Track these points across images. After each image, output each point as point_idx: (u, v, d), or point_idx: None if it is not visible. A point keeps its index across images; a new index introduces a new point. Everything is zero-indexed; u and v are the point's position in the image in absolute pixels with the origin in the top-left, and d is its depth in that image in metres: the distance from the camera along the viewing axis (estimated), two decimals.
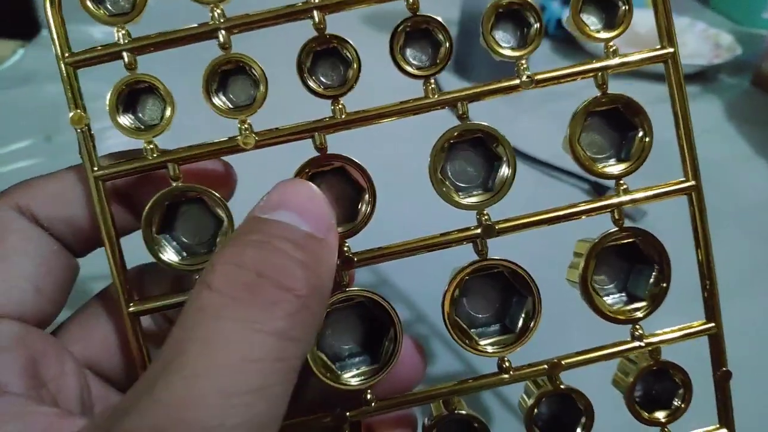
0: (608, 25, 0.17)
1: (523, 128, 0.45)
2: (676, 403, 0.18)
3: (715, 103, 0.53)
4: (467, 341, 0.17)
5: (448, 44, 0.16)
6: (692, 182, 0.17)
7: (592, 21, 0.17)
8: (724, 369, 0.18)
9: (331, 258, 0.14)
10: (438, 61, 0.17)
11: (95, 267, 0.18)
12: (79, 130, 0.16)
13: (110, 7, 0.16)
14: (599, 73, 0.17)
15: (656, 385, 0.19)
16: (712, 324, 0.18)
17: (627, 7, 0.17)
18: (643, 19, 0.63)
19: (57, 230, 0.16)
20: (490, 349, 0.17)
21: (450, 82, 0.49)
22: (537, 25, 0.17)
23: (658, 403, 0.19)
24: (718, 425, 0.18)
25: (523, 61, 0.17)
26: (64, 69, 0.16)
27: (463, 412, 0.17)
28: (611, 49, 0.17)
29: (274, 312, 0.12)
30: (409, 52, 0.17)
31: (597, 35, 0.17)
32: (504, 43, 0.17)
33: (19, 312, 0.15)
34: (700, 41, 0.60)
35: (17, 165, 0.40)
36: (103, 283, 0.18)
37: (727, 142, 0.47)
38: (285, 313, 0.12)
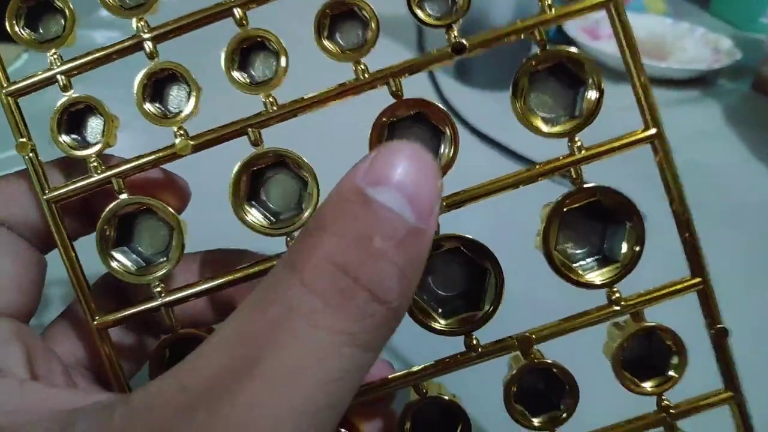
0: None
1: (518, 128, 0.43)
2: (670, 371, 0.17)
3: (715, 107, 0.52)
4: (430, 323, 0.16)
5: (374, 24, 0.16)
6: (653, 130, 0.16)
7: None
8: (719, 326, 0.16)
9: (427, 249, 0.13)
10: (366, 41, 0.16)
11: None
12: (25, 156, 0.16)
13: (41, 31, 0.17)
14: (536, 29, 0.16)
15: (647, 351, 0.17)
16: (698, 279, 0.16)
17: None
18: (642, 24, 0.61)
19: (17, 231, 0.17)
20: (450, 326, 0.16)
21: (451, 86, 0.48)
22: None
23: (651, 370, 0.17)
24: (723, 389, 0.17)
25: (454, 28, 0.16)
26: (3, 99, 0.16)
27: (438, 394, 0.17)
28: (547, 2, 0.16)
29: (365, 325, 0.11)
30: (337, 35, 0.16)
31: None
32: (431, 12, 0.16)
33: (9, 310, 0.16)
34: (700, 46, 0.60)
35: (18, 169, 0.41)
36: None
37: (726, 145, 0.47)
38: (374, 327, 0.11)
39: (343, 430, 0.17)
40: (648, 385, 0.17)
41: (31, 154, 0.16)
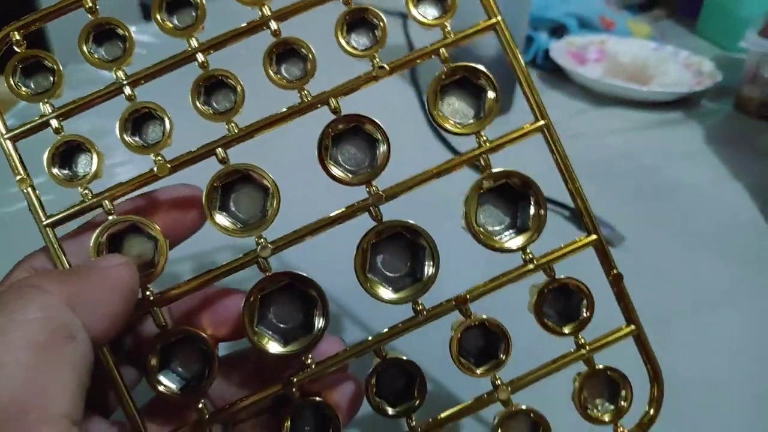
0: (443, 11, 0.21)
1: (510, 152, 0.47)
2: (582, 312, 0.20)
3: (696, 128, 0.55)
4: (378, 292, 0.20)
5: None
6: (543, 121, 0.20)
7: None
8: (614, 272, 0.20)
9: (102, 271, 0.17)
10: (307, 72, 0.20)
11: None
12: (25, 191, 0.19)
13: (33, 86, 0.20)
14: (440, 50, 0.20)
15: (562, 301, 0.21)
16: (594, 236, 0.20)
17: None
18: (626, 49, 0.65)
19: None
20: (400, 297, 0.20)
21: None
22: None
23: (567, 318, 0.21)
24: (625, 324, 0.21)
25: (376, 56, 0.20)
26: (4, 144, 0.19)
27: (396, 356, 0.20)
28: (446, 30, 0.20)
29: (12, 304, 0.15)
30: (284, 67, 0.20)
31: (434, 21, 0.20)
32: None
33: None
34: (682, 69, 0.63)
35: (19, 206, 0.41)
36: None
37: (706, 165, 0.49)
38: (23, 300, 0.15)
39: (318, 398, 0.20)
40: (566, 330, 0.20)
41: (29, 189, 0.19)
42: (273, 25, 0.20)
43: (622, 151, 0.48)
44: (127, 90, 0.20)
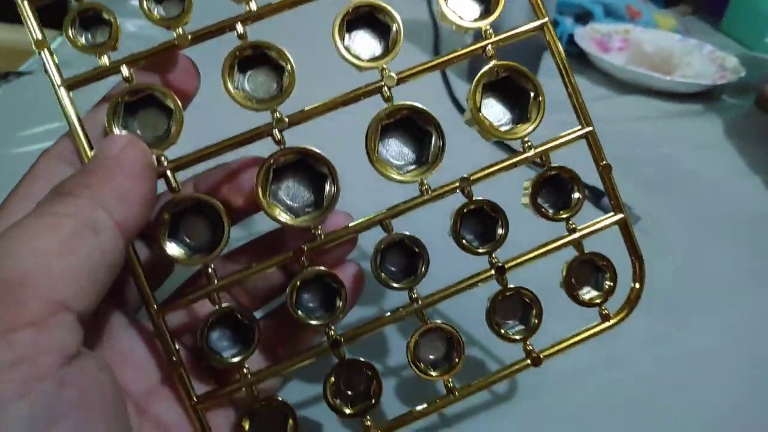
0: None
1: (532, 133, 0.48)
2: (573, 198, 0.22)
3: (716, 121, 0.55)
4: (387, 172, 0.21)
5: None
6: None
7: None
8: (604, 162, 0.22)
9: (118, 161, 0.17)
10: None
11: None
12: (40, 53, 0.19)
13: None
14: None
15: (555, 190, 0.22)
16: (590, 128, 0.22)
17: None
18: (651, 39, 0.66)
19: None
20: (407, 177, 0.21)
21: (463, 88, 0.52)
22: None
23: (561, 204, 0.22)
24: (613, 212, 0.22)
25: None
26: (23, 4, 0.19)
27: (403, 233, 0.21)
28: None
29: (44, 206, 0.16)
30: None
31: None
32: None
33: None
34: (706, 62, 0.64)
35: (46, 144, 0.40)
36: None
37: (724, 158, 0.50)
38: (55, 203, 0.16)
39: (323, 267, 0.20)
40: (563, 215, 0.22)
41: (45, 51, 0.19)
42: None
43: (642, 138, 0.49)
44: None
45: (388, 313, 0.21)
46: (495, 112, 0.22)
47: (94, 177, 0.17)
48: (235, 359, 0.20)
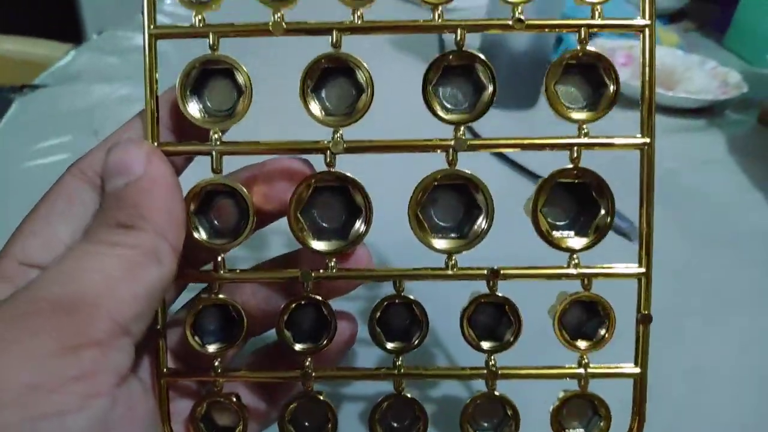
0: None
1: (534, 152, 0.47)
2: (599, 333, 0.20)
3: (719, 137, 0.55)
4: (423, 234, 0.20)
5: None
6: (647, 139, 0.20)
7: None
8: (645, 312, 0.20)
9: (154, 181, 0.17)
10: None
11: None
12: None
13: None
14: (582, 29, 0.19)
15: (584, 319, 0.21)
16: (643, 270, 0.20)
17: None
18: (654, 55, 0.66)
19: None
20: (439, 245, 0.20)
21: None
22: None
23: (583, 335, 0.21)
24: (633, 364, 0.21)
25: (519, 8, 0.19)
26: None
27: (412, 297, 0.20)
28: (597, 12, 0.19)
29: (109, 235, 0.17)
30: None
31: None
32: None
33: (47, 264, 0.17)
34: (709, 78, 0.63)
35: (60, 157, 0.43)
36: None
37: (727, 173, 0.49)
38: (119, 234, 0.17)
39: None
40: (581, 344, 0.20)
41: None
42: None
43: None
44: None
45: (366, 367, 0.21)
46: (554, 212, 0.21)
47: (143, 204, 0.17)
48: (212, 348, 0.20)
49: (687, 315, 0.33)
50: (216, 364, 0.20)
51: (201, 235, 0.20)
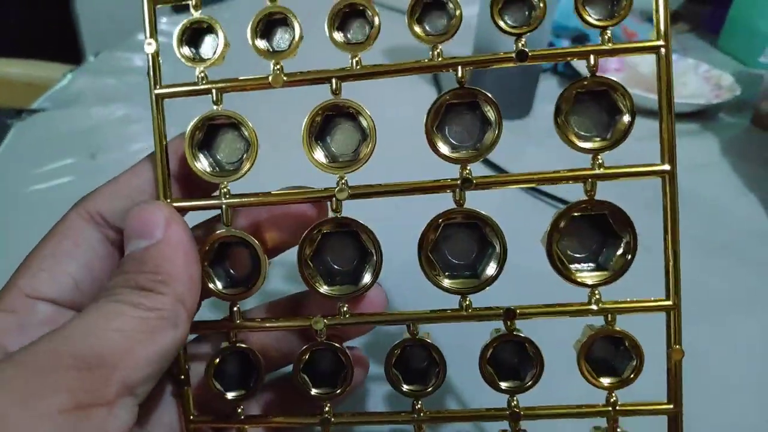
0: (609, 16, 0.19)
1: (527, 157, 0.47)
2: (626, 373, 0.19)
3: (713, 140, 0.54)
4: (435, 275, 0.19)
5: None
6: (668, 166, 0.19)
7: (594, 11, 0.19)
8: (677, 346, 0.19)
9: (174, 247, 0.18)
10: (449, 29, 0.19)
11: None
12: (149, 54, 0.20)
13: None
14: (591, 56, 0.18)
15: (610, 352, 0.20)
16: (671, 302, 0.19)
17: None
18: (646, 60, 0.64)
19: (121, 222, 0.19)
20: (450, 286, 0.19)
21: None
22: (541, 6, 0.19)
23: (610, 370, 0.20)
24: (666, 401, 0.20)
25: (522, 39, 0.19)
26: (146, 5, 0.20)
27: (427, 339, 0.20)
28: (606, 36, 0.18)
29: (131, 296, 0.17)
30: (425, 20, 0.19)
31: (597, 23, 0.19)
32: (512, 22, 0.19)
33: (53, 297, 0.18)
34: (701, 82, 0.63)
35: (60, 181, 0.42)
36: None
37: (721, 177, 0.49)
38: (141, 296, 0.17)
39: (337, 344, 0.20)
40: (605, 381, 0.20)
41: (154, 53, 0.20)
42: None
43: (640, 159, 0.44)
44: None
45: (381, 403, 0.20)
46: (573, 245, 0.20)
47: (162, 270, 0.18)
48: (231, 395, 0.21)
49: (685, 318, 0.31)
50: (239, 410, 0.21)
51: (217, 286, 0.20)
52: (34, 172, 0.44)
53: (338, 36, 0.19)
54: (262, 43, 0.20)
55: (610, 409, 0.20)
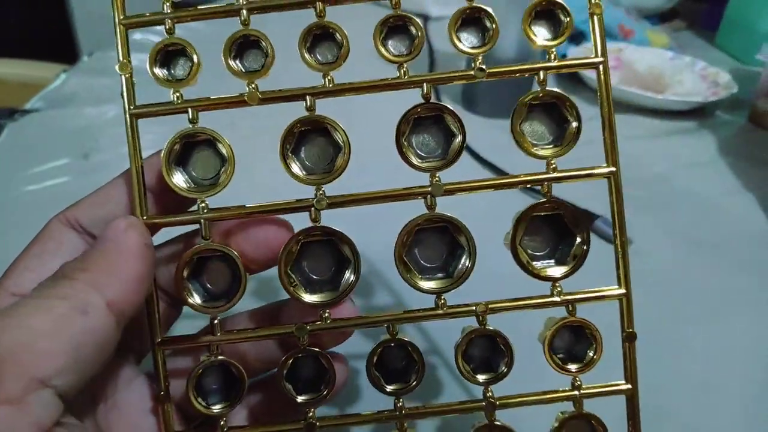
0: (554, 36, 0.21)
1: (520, 158, 0.48)
2: (588, 355, 0.21)
3: (710, 138, 0.55)
4: (410, 277, 0.20)
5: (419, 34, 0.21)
6: (613, 168, 0.21)
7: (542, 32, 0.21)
8: (629, 330, 0.21)
9: (114, 244, 0.18)
10: (412, 50, 0.21)
11: None
12: (123, 76, 0.20)
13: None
14: (540, 72, 0.21)
15: (573, 340, 0.22)
16: (624, 290, 0.21)
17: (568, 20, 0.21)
18: (643, 58, 0.67)
19: (99, 229, 0.20)
20: (427, 286, 0.20)
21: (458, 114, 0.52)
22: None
23: (572, 356, 0.22)
24: (623, 381, 0.21)
25: (480, 58, 0.21)
26: (119, 29, 0.20)
27: (405, 338, 0.21)
28: (552, 55, 0.21)
29: (44, 288, 0.17)
30: (390, 43, 0.21)
31: (545, 44, 0.21)
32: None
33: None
34: (698, 80, 0.64)
35: (53, 181, 0.43)
36: None
37: (718, 176, 0.49)
38: (54, 286, 0.17)
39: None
40: (572, 368, 0.21)
41: (128, 74, 0.20)
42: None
43: (634, 157, 0.47)
44: (244, 14, 0.20)
45: (368, 412, 0.21)
46: (534, 244, 0.21)
47: (92, 260, 0.18)
48: (216, 409, 0.21)
49: (679, 319, 0.34)
50: (222, 422, 0.21)
51: (195, 299, 0.20)
52: (27, 173, 0.44)
53: (309, 56, 0.21)
54: (234, 64, 0.21)
55: (576, 393, 0.21)
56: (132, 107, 0.20)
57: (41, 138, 0.49)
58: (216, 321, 0.21)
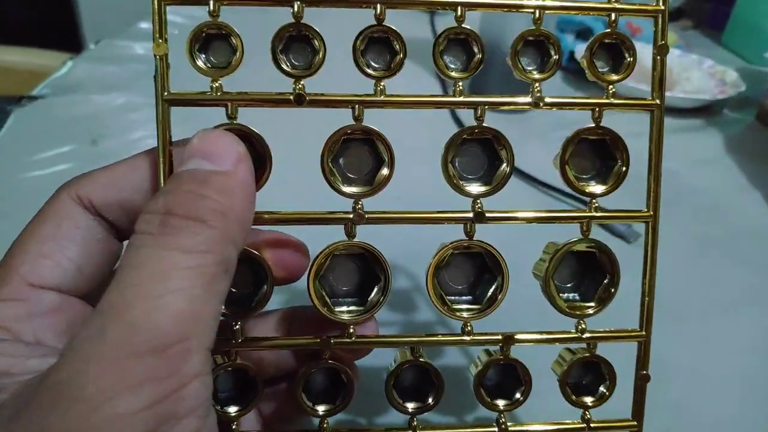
0: (613, 70, 0.21)
1: (530, 151, 0.48)
2: (601, 390, 0.22)
3: (717, 136, 0.55)
4: (441, 304, 0.20)
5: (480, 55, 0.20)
6: (650, 213, 0.21)
7: (600, 64, 0.20)
8: (644, 372, 0.22)
9: (240, 184, 0.16)
10: (470, 67, 0.20)
11: None
12: (158, 57, 0.19)
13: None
14: (596, 108, 0.20)
15: (587, 374, 0.22)
16: (644, 332, 0.21)
17: (632, 59, 0.20)
18: (650, 55, 0.66)
19: (112, 213, 0.18)
20: (454, 315, 0.20)
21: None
22: (555, 57, 0.20)
23: (586, 390, 0.22)
24: (630, 418, 0.22)
25: (537, 85, 0.20)
26: (155, 4, 0.18)
27: (424, 359, 0.21)
28: (610, 91, 0.20)
29: (179, 236, 0.15)
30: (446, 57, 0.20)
31: (603, 77, 0.20)
32: (528, 66, 0.20)
33: (58, 285, 0.17)
34: (706, 78, 0.63)
35: (60, 167, 0.43)
36: None
37: (724, 173, 0.49)
38: (191, 234, 0.15)
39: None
40: (588, 401, 0.22)
41: (163, 56, 0.19)
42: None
43: (641, 154, 0.48)
44: (297, 5, 0.19)
45: (381, 428, 0.21)
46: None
47: (223, 199, 0.16)
48: (232, 410, 0.20)
49: (685, 314, 0.34)
50: (234, 426, 0.20)
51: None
52: (33, 159, 0.43)
53: (362, 60, 0.19)
54: (283, 58, 0.19)
55: (585, 425, 0.22)
56: (166, 93, 0.19)
57: (48, 124, 0.49)
58: (237, 327, 0.20)
